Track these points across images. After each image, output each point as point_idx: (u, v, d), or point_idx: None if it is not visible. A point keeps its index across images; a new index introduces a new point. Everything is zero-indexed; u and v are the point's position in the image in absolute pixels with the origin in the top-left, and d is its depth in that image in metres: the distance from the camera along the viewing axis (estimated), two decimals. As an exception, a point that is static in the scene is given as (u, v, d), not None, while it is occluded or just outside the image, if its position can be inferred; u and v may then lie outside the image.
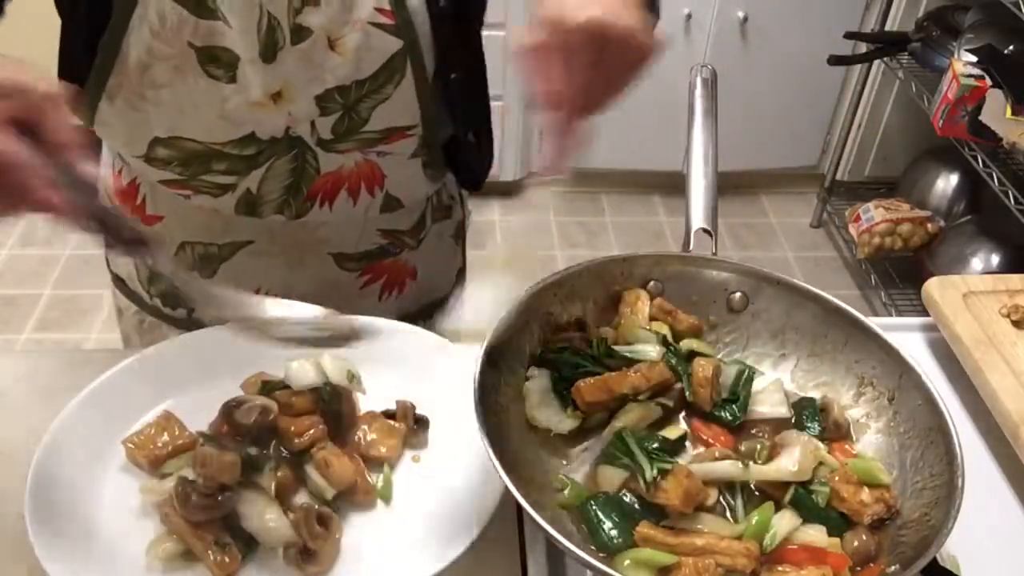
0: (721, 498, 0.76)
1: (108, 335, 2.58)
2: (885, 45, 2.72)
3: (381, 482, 0.84)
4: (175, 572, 0.76)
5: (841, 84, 3.04)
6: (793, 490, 0.76)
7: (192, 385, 0.90)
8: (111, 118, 0.93)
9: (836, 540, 0.73)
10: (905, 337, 1.03)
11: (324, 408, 0.86)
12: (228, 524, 0.77)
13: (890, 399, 0.83)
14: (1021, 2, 2.12)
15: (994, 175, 2.26)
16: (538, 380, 0.82)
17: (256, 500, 0.78)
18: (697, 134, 0.96)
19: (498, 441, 0.71)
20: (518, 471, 0.72)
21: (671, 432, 0.81)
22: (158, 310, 1.12)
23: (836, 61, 2.65)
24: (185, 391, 0.90)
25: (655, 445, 0.78)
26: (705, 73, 1.00)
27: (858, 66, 2.88)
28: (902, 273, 2.75)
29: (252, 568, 0.77)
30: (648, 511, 0.74)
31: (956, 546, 0.77)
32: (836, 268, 3.02)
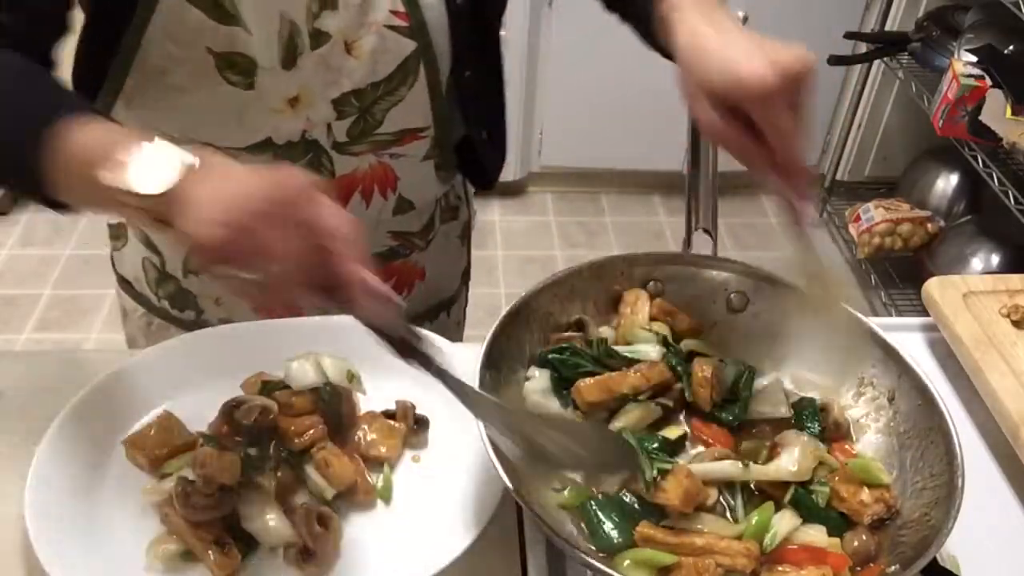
0: (721, 498, 0.76)
1: (108, 335, 2.58)
2: (885, 45, 2.72)
3: (381, 482, 0.84)
4: (175, 572, 0.76)
5: (841, 84, 3.04)
6: (793, 490, 0.76)
7: (192, 385, 0.90)
8: (126, 119, 0.92)
9: (836, 540, 0.73)
10: (905, 337, 1.03)
11: (324, 408, 0.86)
12: (228, 524, 0.77)
13: (890, 399, 0.83)
14: (1021, 2, 2.12)
15: (994, 175, 2.26)
16: (538, 380, 0.82)
17: (256, 500, 0.78)
18: (697, 134, 0.96)
19: (498, 441, 0.71)
20: (518, 471, 0.72)
21: (671, 432, 0.81)
22: (166, 312, 1.12)
23: (836, 61, 2.65)
24: (185, 391, 0.90)
25: (655, 445, 0.78)
26: (705, 73, 0.99)
27: (858, 66, 2.88)
28: (902, 273, 2.74)
29: (252, 568, 0.77)
30: (648, 511, 0.73)
31: (956, 546, 0.77)
32: (836, 268, 3.02)
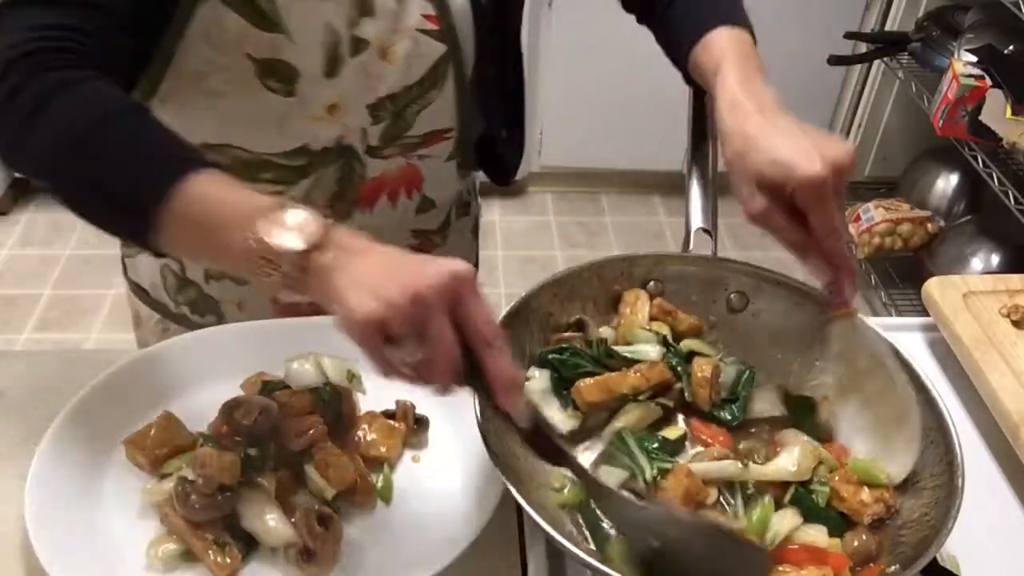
0: (721, 498, 0.76)
1: (108, 335, 2.58)
2: (885, 45, 2.72)
3: (381, 482, 0.84)
4: (175, 572, 0.76)
5: (841, 84, 3.04)
6: (793, 490, 0.76)
7: (192, 385, 0.90)
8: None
9: (836, 540, 0.73)
10: (905, 337, 1.03)
11: (324, 408, 0.86)
12: (228, 524, 0.77)
13: (890, 399, 0.82)
14: (1021, 2, 2.12)
15: (994, 175, 2.25)
16: (538, 380, 0.82)
17: (256, 500, 0.78)
18: (697, 134, 0.96)
19: (498, 441, 0.71)
20: (518, 471, 0.72)
21: (671, 432, 0.81)
22: (185, 317, 1.11)
23: (836, 61, 2.65)
24: (185, 391, 0.90)
25: (655, 445, 0.78)
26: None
27: (858, 66, 2.88)
28: (902, 273, 2.74)
29: (252, 568, 0.77)
30: (648, 511, 0.73)
31: (956, 546, 0.77)
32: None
